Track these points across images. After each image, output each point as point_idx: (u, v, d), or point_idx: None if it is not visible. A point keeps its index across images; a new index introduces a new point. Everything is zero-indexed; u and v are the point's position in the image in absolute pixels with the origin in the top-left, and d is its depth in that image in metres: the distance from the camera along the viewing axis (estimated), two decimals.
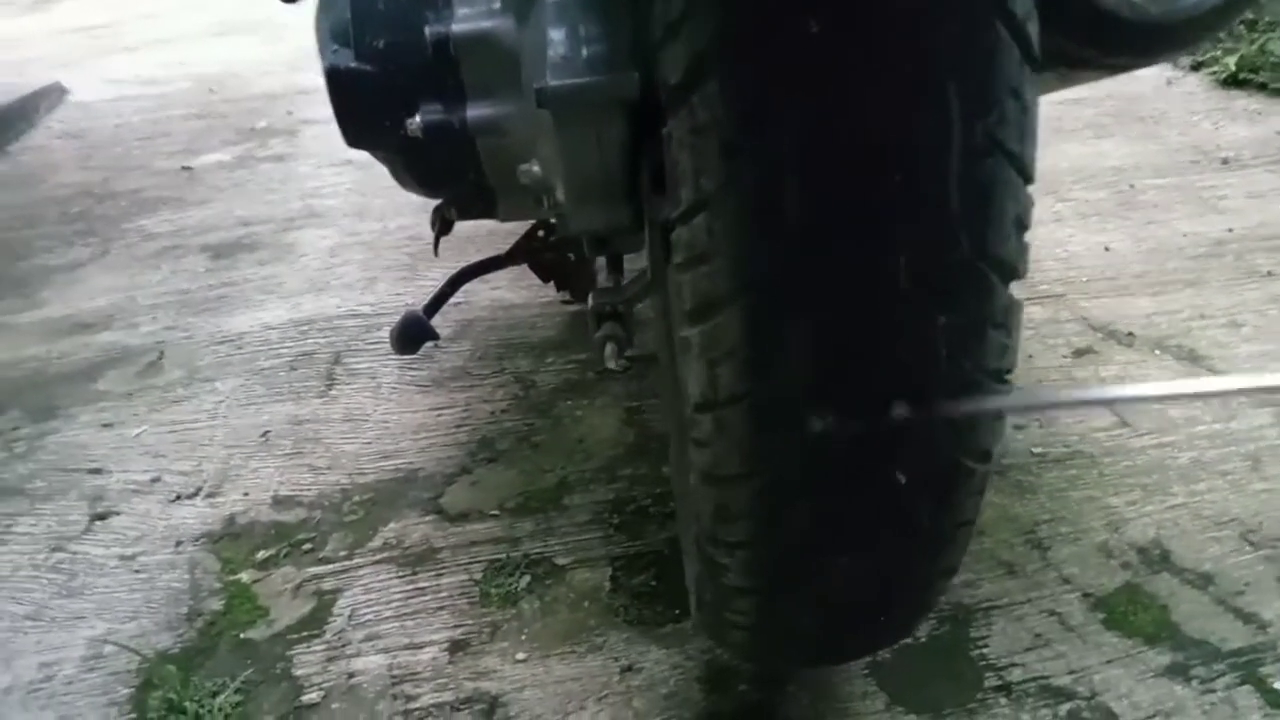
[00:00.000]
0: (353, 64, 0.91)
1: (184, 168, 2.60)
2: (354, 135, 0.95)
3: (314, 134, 2.71)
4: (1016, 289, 0.58)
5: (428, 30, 0.88)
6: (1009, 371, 0.59)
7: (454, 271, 1.39)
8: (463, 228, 1.35)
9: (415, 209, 2.04)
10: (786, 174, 0.51)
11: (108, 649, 1.10)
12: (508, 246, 1.41)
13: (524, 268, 1.51)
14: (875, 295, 0.53)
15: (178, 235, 2.19)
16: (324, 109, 0.94)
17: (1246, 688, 0.95)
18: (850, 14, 0.47)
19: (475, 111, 0.90)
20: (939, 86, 0.49)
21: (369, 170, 1.21)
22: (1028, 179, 0.54)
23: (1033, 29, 0.52)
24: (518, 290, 1.77)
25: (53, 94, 3.36)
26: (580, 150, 0.78)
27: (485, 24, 0.87)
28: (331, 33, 0.93)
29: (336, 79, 0.91)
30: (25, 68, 3.67)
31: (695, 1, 0.50)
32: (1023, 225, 0.55)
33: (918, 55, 0.49)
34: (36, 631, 1.14)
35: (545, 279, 1.58)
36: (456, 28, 0.87)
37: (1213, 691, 0.95)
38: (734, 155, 0.52)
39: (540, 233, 1.40)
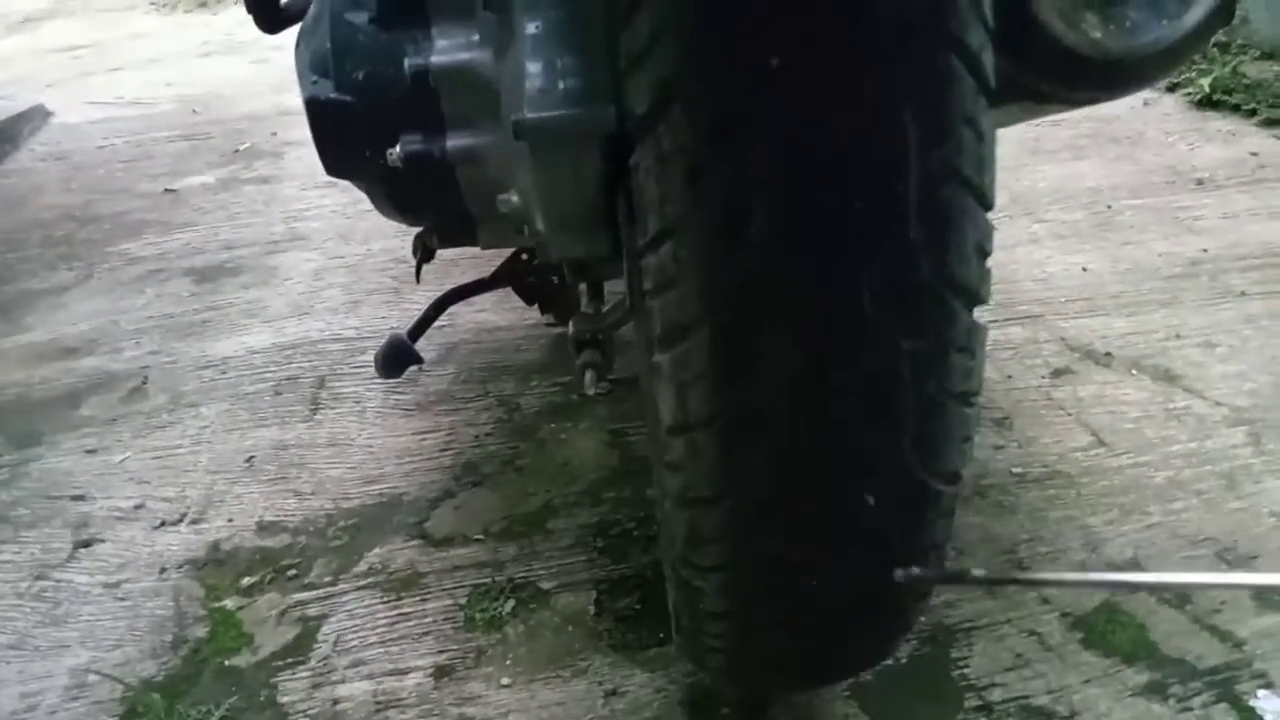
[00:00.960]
0: (332, 94, 0.92)
1: (168, 190, 2.60)
2: (334, 165, 0.96)
3: (298, 156, 2.72)
4: (980, 314, 0.59)
5: (407, 62, 0.89)
6: (974, 395, 0.61)
7: (438, 295, 1.40)
8: (447, 251, 1.35)
9: (399, 231, 2.04)
10: (751, 201, 0.52)
11: (91, 678, 1.10)
12: (492, 270, 1.42)
13: (508, 291, 1.52)
14: (839, 319, 0.55)
15: (161, 259, 2.19)
16: (308, 131, 0.95)
17: (1223, 705, 0.96)
18: (810, 45, 0.49)
19: (455, 142, 0.91)
20: (896, 116, 0.50)
21: (353, 193, 1.22)
22: (986, 206, 0.56)
23: (987, 60, 0.53)
24: (502, 313, 1.78)
25: (36, 116, 3.36)
26: (558, 181, 0.79)
27: (464, 56, 0.88)
28: (311, 63, 0.94)
29: (316, 109, 0.92)
30: (9, 88, 3.66)
31: (660, 32, 0.52)
32: (983, 251, 0.57)
33: (874, 85, 0.50)
34: (19, 661, 1.14)
35: (529, 302, 1.59)
36: (435, 60, 0.88)
37: (1190, 710, 0.96)
38: (699, 182, 0.53)
39: (524, 256, 1.41)
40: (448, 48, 0.89)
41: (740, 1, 0.49)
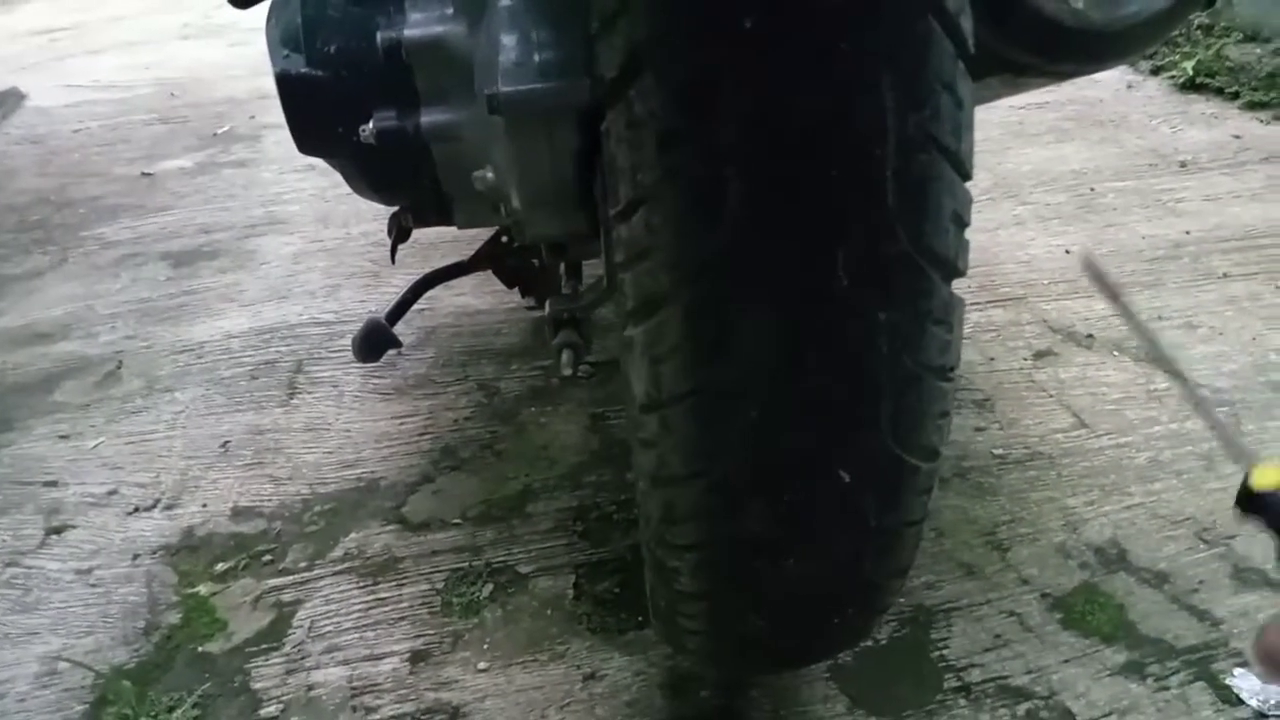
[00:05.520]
0: (304, 70, 0.90)
1: (144, 174, 2.56)
2: (307, 142, 0.94)
3: (277, 139, 2.68)
4: (958, 287, 0.58)
5: (379, 36, 0.87)
6: (952, 369, 0.60)
7: (417, 278, 1.38)
8: (426, 233, 1.33)
9: (379, 215, 2.01)
10: (724, 167, 0.51)
11: (62, 665, 1.09)
12: (472, 252, 1.41)
13: (488, 274, 1.50)
14: (814, 290, 0.53)
15: (138, 243, 2.15)
16: None
17: (1200, 684, 0.96)
18: (784, 7, 0.48)
19: (429, 118, 0.90)
20: (871, 80, 0.49)
21: (332, 176, 1.19)
22: (964, 175, 0.55)
23: (966, 24, 0.52)
24: (482, 296, 1.76)
25: (10, 99, 3.30)
26: (533, 156, 0.78)
27: (437, 29, 0.86)
28: (282, 38, 0.92)
29: (288, 85, 0.91)
30: None
31: None
32: (961, 221, 0.56)
33: (850, 48, 0.49)
34: None
35: (509, 285, 1.57)
36: (408, 33, 0.86)
37: (1167, 689, 0.96)
38: (672, 149, 0.52)
39: (504, 238, 1.40)
40: (421, 20, 0.87)
41: None
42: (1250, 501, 0.70)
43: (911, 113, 0.49)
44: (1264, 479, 0.69)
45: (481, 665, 1.05)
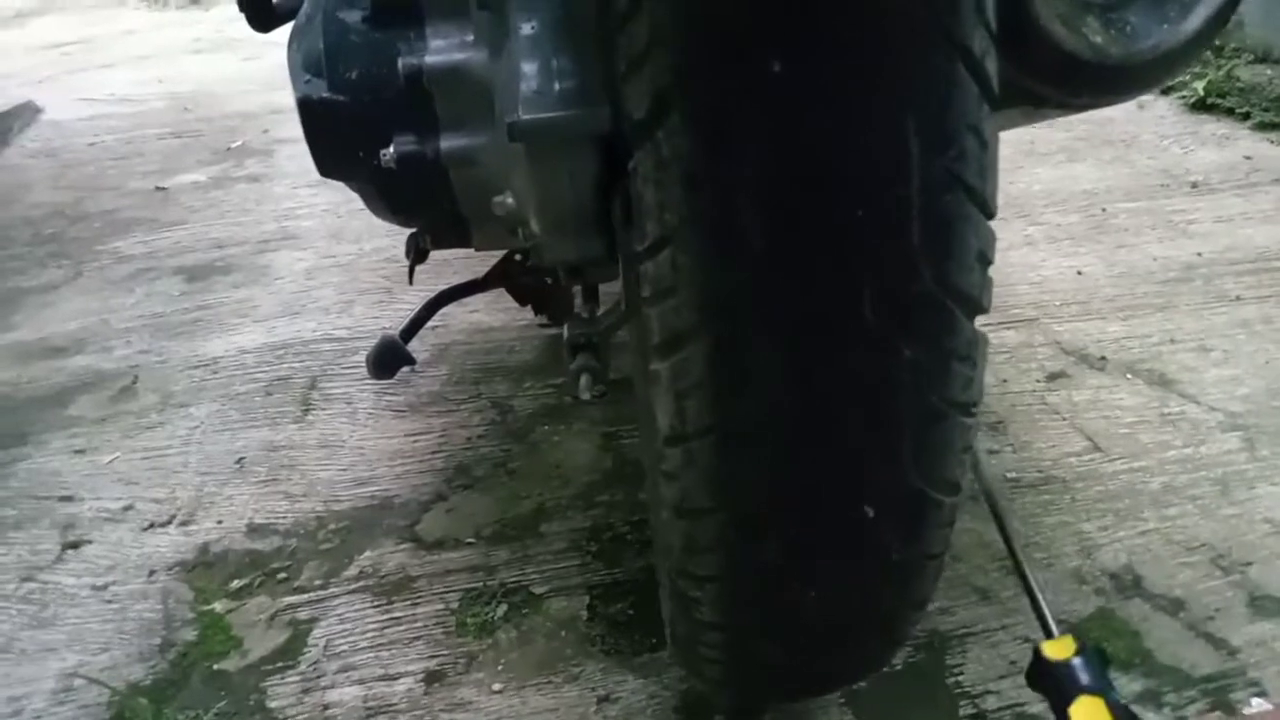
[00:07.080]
0: (325, 94, 0.91)
1: (158, 188, 2.58)
2: (327, 166, 0.95)
3: (290, 154, 2.70)
4: (980, 322, 0.58)
5: (401, 62, 0.88)
6: (975, 405, 0.60)
7: (431, 295, 1.39)
8: (441, 251, 1.34)
9: (392, 231, 2.02)
10: (750, 208, 0.51)
11: (78, 682, 1.09)
12: (485, 270, 1.41)
13: (501, 291, 1.51)
14: (839, 329, 0.54)
15: (151, 257, 2.17)
16: (300, 130, 0.94)
17: (1216, 714, 0.96)
18: (810, 50, 0.48)
19: (449, 143, 0.90)
20: (898, 122, 0.50)
21: (345, 191, 1.20)
22: (989, 214, 0.55)
23: (991, 67, 0.53)
24: (495, 314, 1.77)
25: (26, 112, 3.32)
26: (552, 183, 0.78)
27: (458, 56, 0.87)
28: (304, 62, 0.93)
29: (309, 109, 0.91)
30: None
31: (658, 36, 0.51)
32: (985, 259, 0.56)
33: (877, 91, 0.49)
34: (5, 664, 1.12)
35: (523, 303, 1.59)
36: (429, 60, 0.87)
37: (1184, 718, 0.96)
38: (698, 189, 0.52)
39: (517, 256, 1.41)
40: (442, 47, 0.88)
41: (739, 7, 0.48)
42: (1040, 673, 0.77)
43: (937, 155, 0.50)
44: (1054, 650, 0.74)
45: (496, 686, 1.05)
